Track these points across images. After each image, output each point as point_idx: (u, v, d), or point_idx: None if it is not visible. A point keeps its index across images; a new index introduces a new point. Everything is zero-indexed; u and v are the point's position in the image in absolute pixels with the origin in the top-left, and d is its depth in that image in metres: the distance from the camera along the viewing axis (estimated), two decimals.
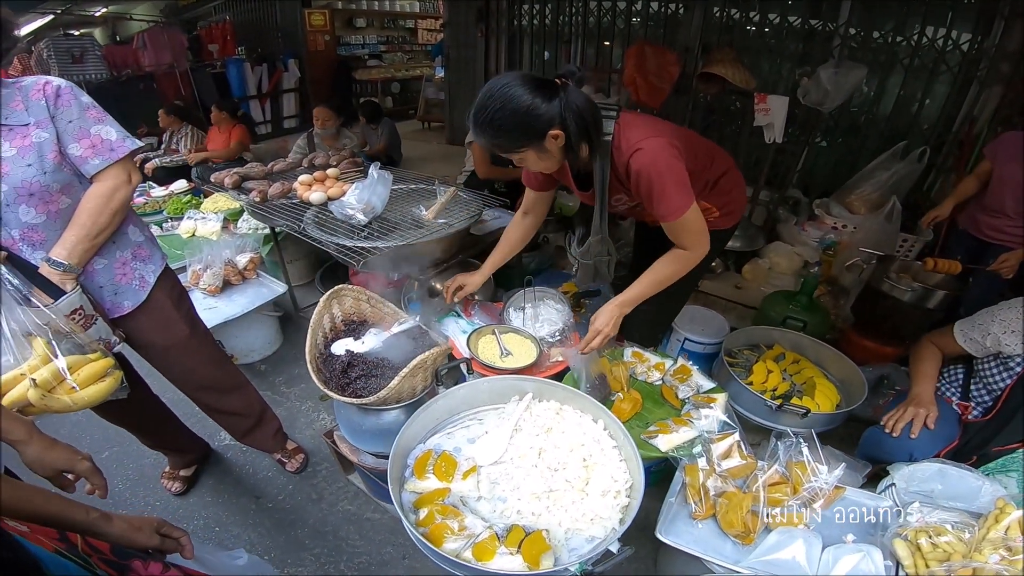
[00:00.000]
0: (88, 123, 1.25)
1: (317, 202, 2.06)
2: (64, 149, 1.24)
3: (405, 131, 6.68)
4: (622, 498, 1.21)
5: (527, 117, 1.24)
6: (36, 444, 0.95)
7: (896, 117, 3.40)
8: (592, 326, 1.57)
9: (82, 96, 1.27)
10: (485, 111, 1.26)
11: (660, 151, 1.33)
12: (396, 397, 1.39)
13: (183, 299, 1.60)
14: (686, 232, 1.42)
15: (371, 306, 1.66)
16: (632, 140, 1.35)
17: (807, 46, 3.52)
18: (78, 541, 0.69)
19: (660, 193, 1.35)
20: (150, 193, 3.69)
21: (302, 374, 2.57)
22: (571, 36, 4.92)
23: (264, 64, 6.94)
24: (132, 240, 1.43)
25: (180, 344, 1.55)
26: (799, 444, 1.40)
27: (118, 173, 1.30)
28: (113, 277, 1.39)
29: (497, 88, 1.25)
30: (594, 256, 1.73)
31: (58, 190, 1.23)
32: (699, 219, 1.42)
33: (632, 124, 1.39)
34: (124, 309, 1.42)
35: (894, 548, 1.19)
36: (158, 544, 0.87)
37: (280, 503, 1.94)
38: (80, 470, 0.99)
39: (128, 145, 1.31)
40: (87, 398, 1.32)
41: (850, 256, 2.71)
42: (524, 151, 1.32)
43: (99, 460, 2.02)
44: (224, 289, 2.43)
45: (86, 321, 1.31)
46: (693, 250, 1.46)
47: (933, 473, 1.41)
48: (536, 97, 1.23)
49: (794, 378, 2.02)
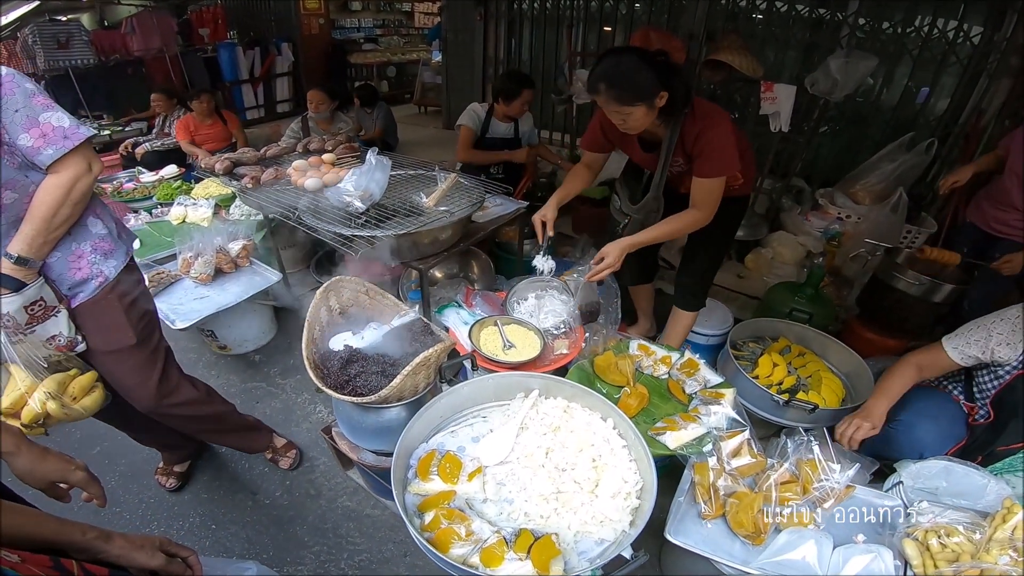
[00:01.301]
0: (36, 111, 1.16)
1: (312, 188, 1.99)
2: (12, 141, 1.15)
3: (401, 115, 6.56)
4: (632, 500, 1.18)
5: (648, 75, 1.50)
6: (25, 455, 0.90)
7: (902, 108, 3.36)
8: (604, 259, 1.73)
9: (26, 82, 1.17)
10: (619, 66, 1.52)
11: (727, 126, 1.63)
12: (398, 395, 1.34)
13: (139, 305, 1.45)
14: (708, 192, 1.66)
15: (370, 298, 1.60)
16: (707, 111, 1.63)
17: (814, 35, 3.46)
18: (74, 568, 0.64)
19: (720, 152, 1.61)
20: (139, 179, 3.58)
21: (297, 365, 2.52)
22: (572, 20, 4.83)
23: (256, 48, 6.77)
24: (92, 232, 1.34)
25: (121, 353, 1.41)
26: (810, 442, 1.37)
27: (77, 162, 1.22)
28: (67, 270, 1.30)
29: (626, 52, 1.55)
30: (646, 211, 1.90)
31: (1, 185, 1.15)
32: (721, 188, 1.66)
33: (703, 102, 1.66)
34: (73, 304, 1.34)
35: (903, 548, 1.18)
36: (162, 564, 0.80)
37: (277, 499, 1.89)
38: (74, 480, 0.93)
39: (83, 132, 1.22)
40: (91, 405, 1.39)
41: (855, 247, 2.68)
42: (638, 106, 1.53)
43: (89, 456, 2.03)
44: (216, 277, 2.35)
45: (45, 312, 1.26)
46: (702, 211, 1.68)
47: (939, 471, 1.40)
48: (653, 65, 1.51)
49: (800, 372, 1.99)
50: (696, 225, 1.71)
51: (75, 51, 5.43)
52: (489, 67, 5.81)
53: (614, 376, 1.66)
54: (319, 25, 7.52)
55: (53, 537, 0.72)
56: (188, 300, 2.23)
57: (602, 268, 1.73)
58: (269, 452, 1.98)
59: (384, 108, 4.88)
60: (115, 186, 3.45)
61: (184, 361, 2.57)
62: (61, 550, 0.70)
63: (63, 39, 5.32)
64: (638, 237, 1.75)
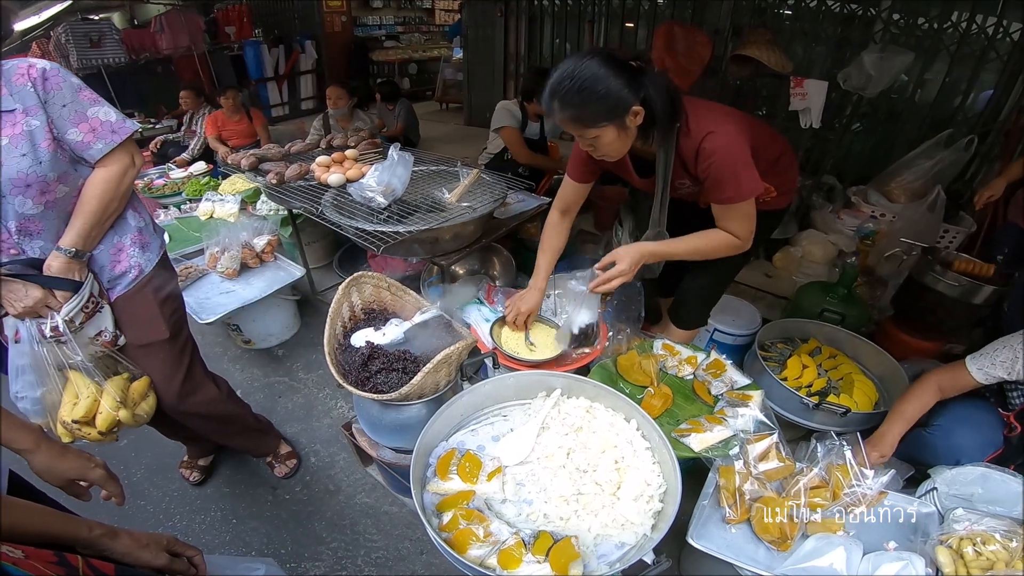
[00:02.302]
0: (83, 106, 1.19)
1: (335, 184, 2.00)
2: (61, 135, 1.17)
3: (422, 112, 6.58)
4: (655, 503, 1.15)
5: (614, 91, 1.21)
6: (44, 452, 0.91)
7: (940, 104, 3.24)
8: (616, 264, 1.47)
9: (71, 77, 1.19)
10: (571, 81, 1.21)
11: (733, 135, 1.32)
12: (418, 393, 1.33)
13: (172, 299, 1.48)
14: (740, 217, 1.39)
15: (391, 294, 1.60)
16: (703, 125, 1.32)
17: (845, 30, 3.36)
18: (79, 564, 0.64)
19: (732, 176, 1.33)
20: (169, 175, 3.67)
21: (319, 360, 2.54)
22: (594, 16, 4.77)
23: (281, 45, 6.87)
24: (131, 225, 1.37)
25: (152, 347, 1.42)
26: (842, 447, 1.32)
27: (122, 156, 1.25)
28: (108, 263, 1.33)
29: (582, 62, 1.22)
30: None
31: (55, 179, 1.17)
32: (753, 210, 1.40)
33: (697, 108, 1.36)
34: (111, 298, 1.36)
35: (936, 555, 1.14)
36: (166, 563, 0.80)
37: (297, 495, 1.91)
38: (93, 478, 0.94)
39: (129, 127, 1.25)
40: (149, 410, 1.43)
41: (889, 246, 2.59)
42: (604, 127, 1.26)
43: (117, 449, 2.04)
44: (241, 272, 2.39)
45: (94, 308, 1.28)
46: (740, 237, 1.43)
47: (976, 477, 1.36)
48: (622, 73, 1.21)
49: (831, 374, 1.93)
50: (731, 249, 1.45)
51: (107, 49, 5.56)
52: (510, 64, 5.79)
53: (637, 376, 1.63)
54: (341, 23, 7.60)
55: (61, 532, 0.73)
56: (214, 294, 2.27)
57: (612, 277, 1.47)
58: (269, 456, 1.97)
59: (406, 105, 4.89)
60: (146, 182, 3.53)
61: (210, 355, 2.63)
62: (67, 546, 0.70)
63: (95, 38, 5.45)
64: (660, 247, 1.50)
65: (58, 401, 1.29)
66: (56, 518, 0.75)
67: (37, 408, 1.27)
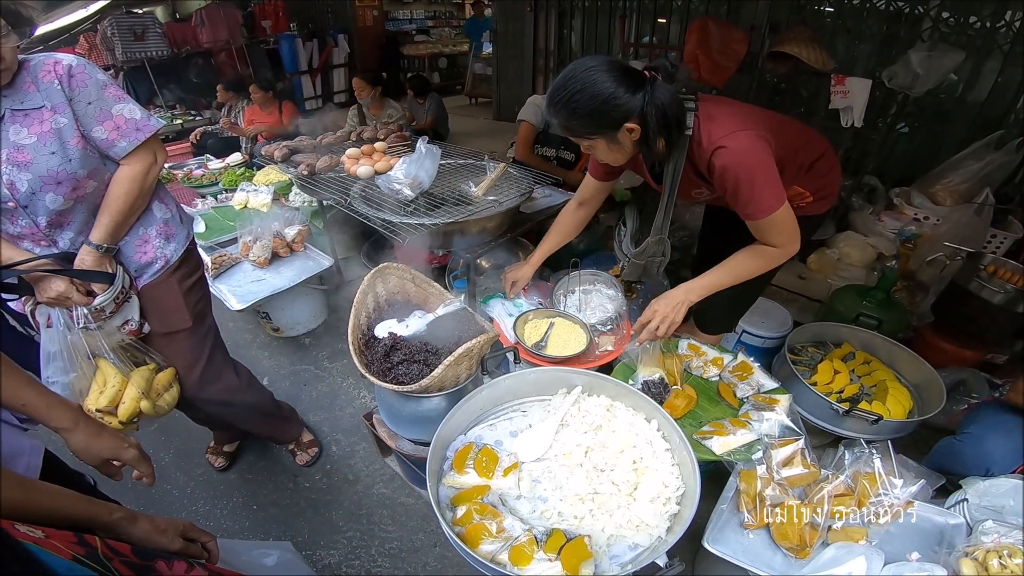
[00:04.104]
0: (108, 103, 1.21)
1: (364, 176, 2.02)
2: (87, 132, 1.19)
3: (451, 106, 6.61)
4: (671, 505, 1.13)
5: (605, 105, 1.19)
6: (82, 431, 0.92)
7: (991, 105, 3.08)
8: (653, 312, 1.48)
9: (97, 73, 1.20)
10: (564, 91, 1.21)
11: (747, 148, 1.24)
12: (439, 385, 1.34)
13: (196, 289, 1.50)
14: (775, 231, 1.34)
15: (416, 285, 1.61)
16: (714, 136, 1.26)
17: (891, 28, 3.21)
18: (98, 544, 0.65)
19: (748, 192, 1.27)
20: (207, 165, 3.78)
21: (344, 349, 2.58)
22: (626, 11, 4.69)
23: (315, 40, 6.98)
24: (157, 217, 1.40)
25: (175, 336, 1.45)
26: (871, 455, 1.28)
27: (146, 155, 1.28)
28: (134, 254, 1.36)
29: (580, 70, 1.20)
30: (647, 256, 1.64)
31: (85, 176, 1.20)
32: (790, 217, 1.32)
33: (714, 116, 1.29)
34: (137, 287, 1.40)
35: (960, 568, 1.11)
36: (181, 548, 0.82)
37: (317, 483, 1.94)
38: (127, 458, 0.96)
39: (153, 124, 1.28)
40: (171, 401, 1.45)
41: (932, 250, 2.48)
42: (595, 139, 1.28)
43: (148, 434, 2.10)
44: (272, 261, 2.45)
45: (123, 297, 1.32)
46: (782, 248, 1.36)
47: (1008, 489, 1.30)
48: (619, 86, 1.18)
49: (863, 380, 1.87)
50: (779, 259, 1.40)
51: (150, 43, 5.73)
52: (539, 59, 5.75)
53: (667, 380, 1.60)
54: (373, 17, 7.65)
55: (83, 515, 0.74)
56: (246, 282, 2.33)
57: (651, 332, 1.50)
58: (292, 444, 2.00)
59: (436, 99, 4.92)
60: (185, 172, 3.65)
61: (240, 341, 2.71)
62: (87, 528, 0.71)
63: (139, 31, 5.62)
64: (702, 281, 1.44)
65: (86, 388, 1.32)
66: (79, 501, 0.76)
67: (66, 394, 1.30)
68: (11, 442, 0.96)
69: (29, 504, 0.69)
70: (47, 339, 1.28)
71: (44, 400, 0.91)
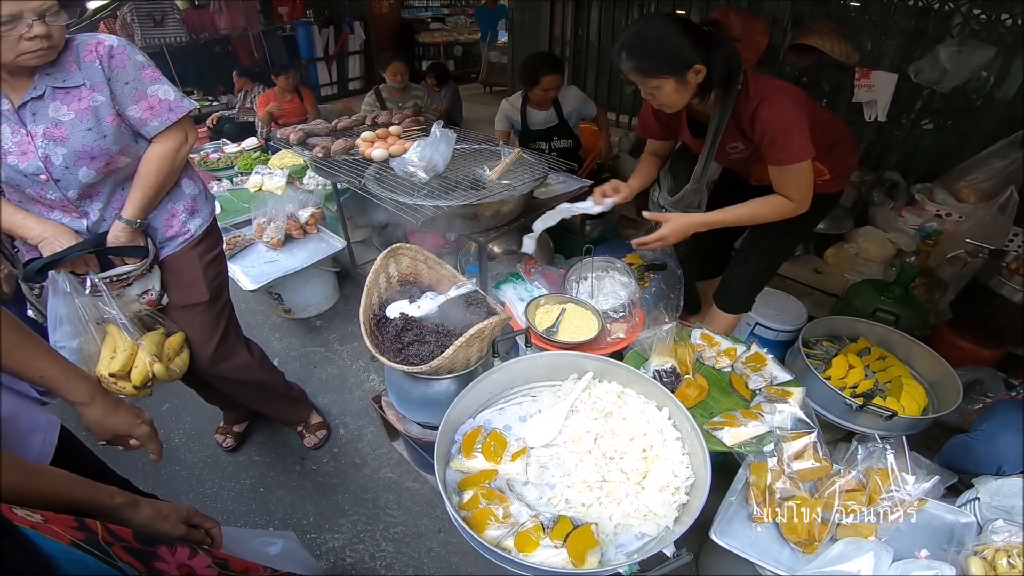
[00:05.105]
0: (144, 84, 1.24)
1: (379, 159, 2.02)
2: (122, 111, 1.23)
3: (466, 94, 6.58)
4: (680, 495, 1.12)
5: (679, 46, 1.32)
6: (99, 406, 0.91)
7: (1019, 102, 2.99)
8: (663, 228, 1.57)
9: (136, 55, 1.24)
10: (640, 33, 1.35)
11: (788, 103, 1.40)
12: (449, 367, 1.34)
13: (215, 264, 1.53)
14: (795, 181, 1.45)
15: (428, 267, 1.61)
16: (761, 90, 1.41)
17: (919, 23, 3.13)
18: (98, 529, 0.63)
19: (785, 138, 1.38)
20: (224, 149, 3.80)
21: (355, 332, 2.60)
22: (643, 1, 4.62)
23: (331, 26, 6.97)
24: (185, 193, 1.44)
25: (192, 309, 1.47)
26: (885, 451, 1.26)
27: (177, 134, 1.32)
28: (161, 227, 1.40)
29: (656, 19, 1.41)
30: (684, 205, 1.74)
31: (118, 152, 1.24)
32: (810, 175, 1.45)
33: (759, 78, 1.45)
34: (160, 257, 1.42)
35: (968, 566, 1.10)
36: (183, 535, 0.81)
37: (324, 466, 1.95)
38: (139, 434, 0.96)
39: (186, 105, 1.31)
40: (182, 366, 1.46)
41: (953, 247, 2.43)
42: (665, 79, 1.36)
43: (159, 413, 2.13)
44: (285, 243, 2.46)
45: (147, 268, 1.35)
46: (795, 200, 1.47)
47: (1020, 489, 1.30)
48: (688, 34, 1.32)
49: (878, 376, 1.84)
50: (787, 212, 1.49)
51: (169, 29, 5.78)
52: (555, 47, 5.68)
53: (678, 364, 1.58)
54: (389, 4, 7.64)
55: (84, 499, 0.72)
56: (259, 263, 2.34)
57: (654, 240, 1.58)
58: (301, 426, 2.02)
59: (452, 87, 4.91)
60: (202, 156, 3.68)
61: (252, 322, 2.73)
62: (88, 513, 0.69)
63: (158, 17, 5.67)
64: (711, 217, 1.55)
65: (95, 353, 1.32)
66: (79, 485, 0.74)
67: (75, 359, 1.29)
68: (29, 417, 0.94)
69: (27, 486, 0.67)
70: (55, 303, 1.28)
71: (63, 372, 0.89)
